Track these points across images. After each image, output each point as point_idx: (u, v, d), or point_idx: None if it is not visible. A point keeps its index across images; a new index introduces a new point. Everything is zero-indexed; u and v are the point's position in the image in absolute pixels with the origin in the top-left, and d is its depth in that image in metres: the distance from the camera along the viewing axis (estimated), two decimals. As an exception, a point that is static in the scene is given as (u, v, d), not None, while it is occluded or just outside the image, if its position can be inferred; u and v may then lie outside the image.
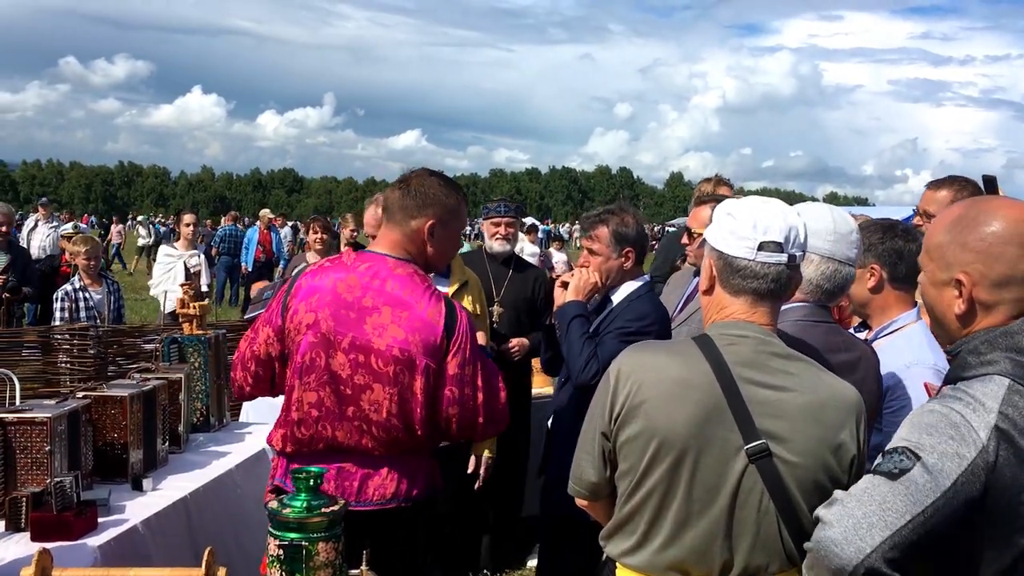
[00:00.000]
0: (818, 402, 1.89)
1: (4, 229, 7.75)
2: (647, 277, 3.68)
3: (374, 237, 4.33)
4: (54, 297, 6.90)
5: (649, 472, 1.91)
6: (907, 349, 2.65)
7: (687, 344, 1.97)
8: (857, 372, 2.35)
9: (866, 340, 2.75)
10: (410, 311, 2.66)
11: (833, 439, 1.88)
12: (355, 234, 9.66)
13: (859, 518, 1.57)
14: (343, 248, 9.23)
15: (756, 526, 1.86)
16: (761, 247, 1.94)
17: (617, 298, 3.58)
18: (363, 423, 2.66)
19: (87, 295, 6.81)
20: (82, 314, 6.73)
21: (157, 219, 42.03)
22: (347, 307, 2.67)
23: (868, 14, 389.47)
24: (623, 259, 3.54)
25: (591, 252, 3.57)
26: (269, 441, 2.86)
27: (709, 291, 2.04)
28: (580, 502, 2.13)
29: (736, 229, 1.97)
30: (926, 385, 2.50)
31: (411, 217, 2.76)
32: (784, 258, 1.94)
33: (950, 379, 1.73)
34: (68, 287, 6.87)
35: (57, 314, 6.74)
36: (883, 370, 2.58)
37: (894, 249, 2.73)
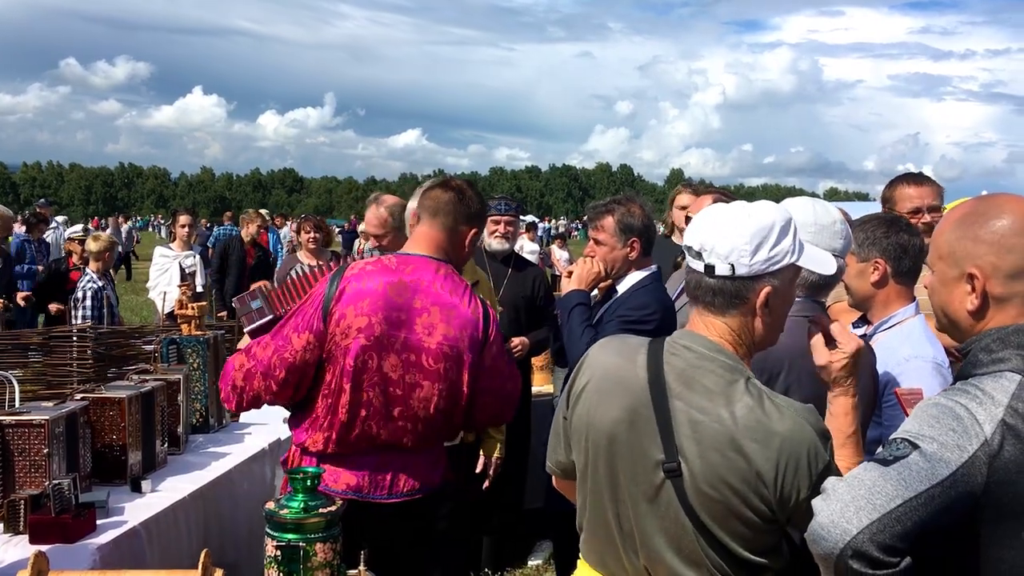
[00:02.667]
0: (736, 431, 1.74)
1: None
2: (655, 267, 3.66)
3: (376, 237, 4.33)
4: (77, 296, 6.88)
5: (586, 465, 1.94)
6: (907, 343, 2.64)
7: (639, 346, 1.93)
8: None
9: (864, 335, 2.74)
10: (456, 309, 2.81)
11: (744, 471, 1.74)
12: (261, 230, 9.63)
13: (847, 502, 1.55)
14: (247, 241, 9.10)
15: (677, 538, 1.81)
16: (688, 252, 1.90)
17: (623, 288, 3.59)
18: (409, 421, 2.78)
19: (108, 293, 6.84)
20: (104, 310, 6.75)
21: (158, 219, 42.15)
22: (398, 309, 2.76)
23: (868, 9, 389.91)
24: (628, 249, 3.55)
25: (597, 242, 3.58)
26: (301, 442, 2.85)
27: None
28: (556, 482, 2.17)
29: (685, 239, 1.95)
30: (896, 392, 2.45)
31: (461, 224, 2.91)
32: (699, 266, 1.85)
33: (962, 375, 1.71)
34: (92, 285, 6.84)
35: (81, 312, 6.70)
36: (883, 364, 2.58)
37: (899, 243, 2.73)
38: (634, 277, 3.58)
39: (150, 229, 36.20)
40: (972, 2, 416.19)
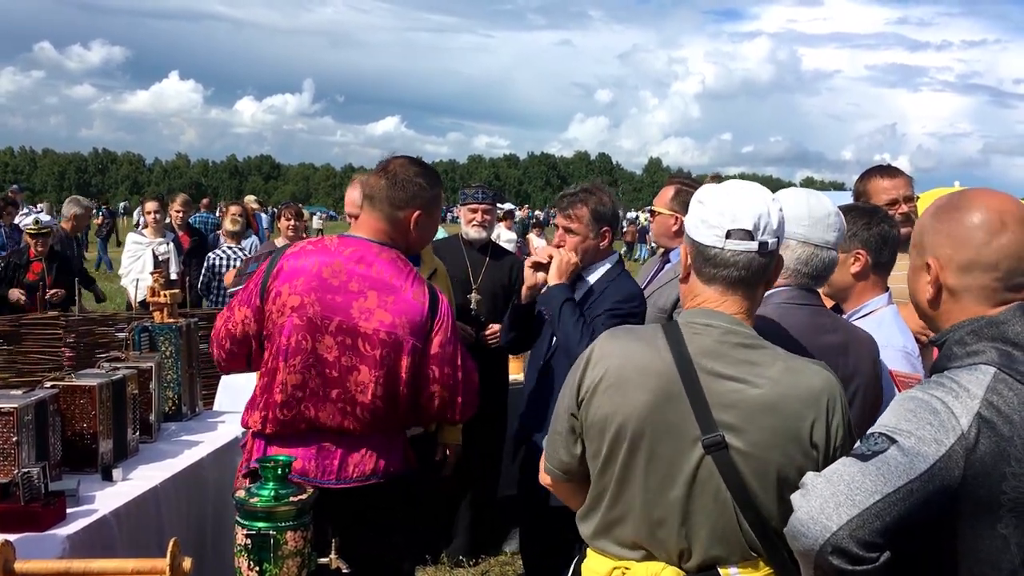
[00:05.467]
0: (778, 393, 1.85)
1: None
2: (617, 255, 3.68)
3: (355, 217, 4.31)
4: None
5: (611, 456, 1.91)
6: (878, 332, 2.66)
7: (655, 331, 1.96)
8: (849, 355, 2.35)
9: None
10: (396, 295, 2.73)
11: (794, 429, 1.84)
12: (180, 214, 9.48)
13: (826, 497, 1.56)
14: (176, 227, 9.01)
15: (714, 516, 1.85)
16: (729, 235, 1.90)
17: (593, 278, 3.57)
18: (347, 404, 2.71)
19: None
20: None
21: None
22: (333, 291, 2.71)
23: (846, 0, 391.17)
24: (600, 239, 3.53)
25: (569, 231, 3.53)
26: (244, 423, 2.86)
27: (686, 279, 2.03)
28: (544, 480, 2.13)
29: (707, 217, 1.94)
30: (891, 373, 2.52)
31: (398, 208, 2.82)
32: (754, 246, 1.90)
33: (937, 368, 1.72)
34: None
35: None
36: None
37: (880, 234, 2.77)
38: (603, 267, 3.58)
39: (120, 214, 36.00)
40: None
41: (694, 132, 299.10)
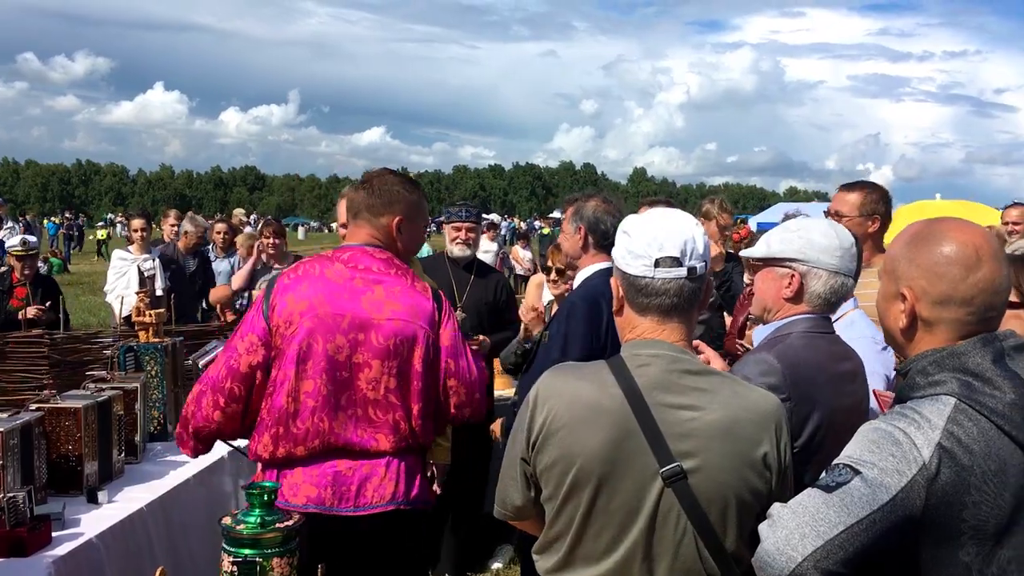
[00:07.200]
0: (731, 417, 1.86)
1: None
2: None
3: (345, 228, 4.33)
4: None
5: (569, 497, 1.89)
6: (850, 328, 2.82)
7: (600, 368, 1.95)
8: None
9: None
10: (401, 288, 2.76)
11: (750, 453, 1.86)
12: (175, 228, 9.44)
13: (792, 529, 1.58)
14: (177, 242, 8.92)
15: (675, 547, 1.85)
16: (658, 263, 1.91)
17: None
18: (360, 407, 2.66)
19: None
20: None
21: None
22: (339, 290, 2.71)
23: (827, 10, 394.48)
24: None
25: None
26: (253, 454, 2.74)
27: (619, 311, 2.03)
28: (511, 521, 2.11)
29: (633, 248, 1.95)
30: (874, 392, 2.57)
31: (378, 215, 2.84)
32: (683, 272, 1.91)
33: (900, 397, 1.76)
34: None
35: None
36: None
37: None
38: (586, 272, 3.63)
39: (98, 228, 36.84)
40: (929, 4, 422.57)
41: (679, 142, 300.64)
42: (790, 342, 2.34)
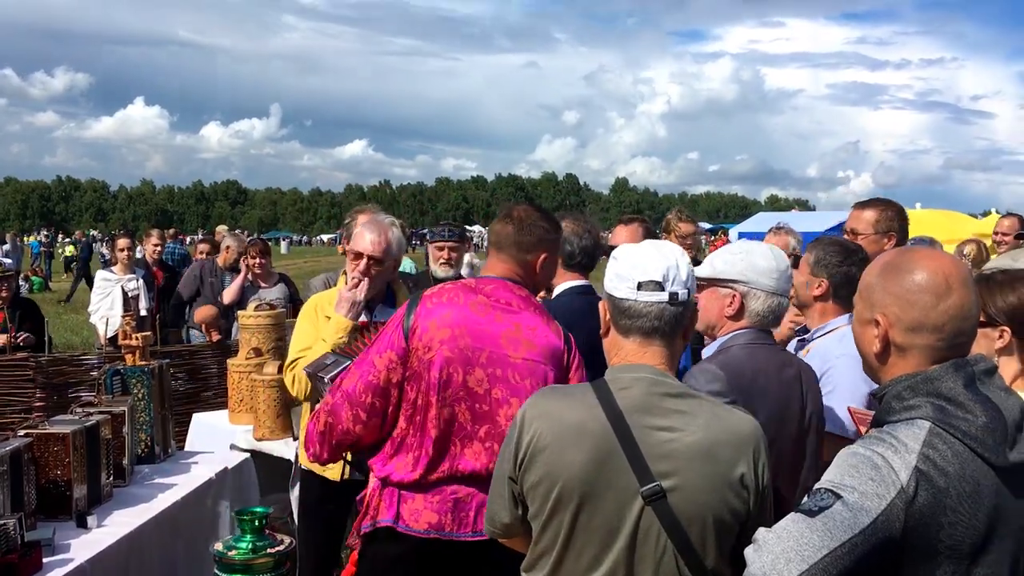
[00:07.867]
0: (711, 439, 1.94)
1: None
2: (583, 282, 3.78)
3: (376, 261, 4.17)
4: None
5: (553, 516, 1.98)
6: (839, 344, 2.96)
7: (585, 390, 2.04)
8: (803, 383, 2.60)
9: (804, 339, 3.22)
10: (538, 328, 2.79)
11: (728, 474, 1.94)
12: (157, 248, 9.35)
13: (777, 553, 1.63)
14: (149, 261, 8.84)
15: (656, 565, 1.92)
16: (640, 286, 2.02)
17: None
18: (495, 442, 2.64)
19: None
20: None
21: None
22: (481, 323, 2.73)
23: (806, 20, 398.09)
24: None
25: None
26: (382, 474, 2.75)
27: (606, 333, 2.13)
28: (500, 539, 2.20)
29: (619, 271, 2.06)
30: (850, 410, 2.65)
31: (526, 252, 2.89)
32: (664, 296, 2.02)
33: (877, 421, 1.82)
34: None
35: None
36: (818, 361, 2.93)
37: (846, 274, 3.10)
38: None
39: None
40: (906, 13, 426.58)
41: (661, 152, 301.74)
42: (733, 352, 2.54)
